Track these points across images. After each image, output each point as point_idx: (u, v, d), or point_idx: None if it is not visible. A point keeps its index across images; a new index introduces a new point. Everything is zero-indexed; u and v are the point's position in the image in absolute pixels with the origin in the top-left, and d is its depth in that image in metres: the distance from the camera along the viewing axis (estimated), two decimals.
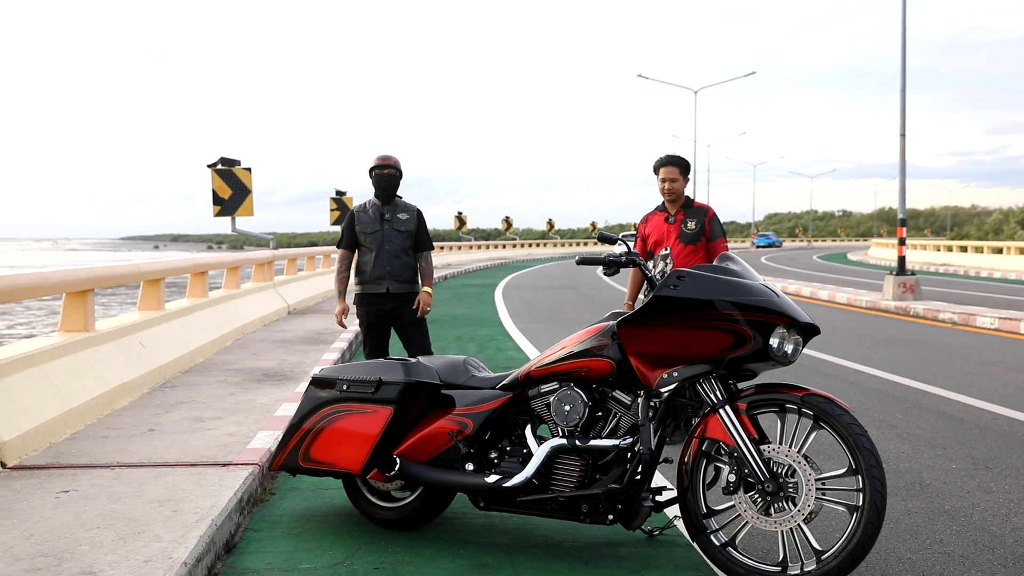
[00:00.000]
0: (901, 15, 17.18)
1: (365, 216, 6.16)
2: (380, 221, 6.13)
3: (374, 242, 6.09)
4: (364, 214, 6.17)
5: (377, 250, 6.09)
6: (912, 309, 15.51)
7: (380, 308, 6.12)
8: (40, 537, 3.87)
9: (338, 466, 4.30)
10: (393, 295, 6.11)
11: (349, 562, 3.98)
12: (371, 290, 6.11)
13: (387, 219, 6.14)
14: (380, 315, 6.14)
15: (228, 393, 7.27)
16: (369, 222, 6.13)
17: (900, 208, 17.82)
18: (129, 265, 8.17)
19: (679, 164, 5.92)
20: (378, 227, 6.11)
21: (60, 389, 5.92)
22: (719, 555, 3.72)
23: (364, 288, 6.14)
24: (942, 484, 5.12)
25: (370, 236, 6.11)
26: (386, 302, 6.12)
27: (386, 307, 6.13)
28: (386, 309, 6.13)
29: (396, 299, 6.13)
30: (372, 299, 6.12)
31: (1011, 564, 3.92)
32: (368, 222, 6.13)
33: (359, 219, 6.15)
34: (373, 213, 6.16)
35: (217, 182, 14.96)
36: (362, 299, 6.16)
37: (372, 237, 6.10)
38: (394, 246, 6.11)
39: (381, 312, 6.13)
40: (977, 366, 9.54)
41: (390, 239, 6.11)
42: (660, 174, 5.93)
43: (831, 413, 3.55)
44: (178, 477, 4.80)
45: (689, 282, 3.69)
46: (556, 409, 3.98)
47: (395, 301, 6.13)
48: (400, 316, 6.17)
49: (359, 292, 6.17)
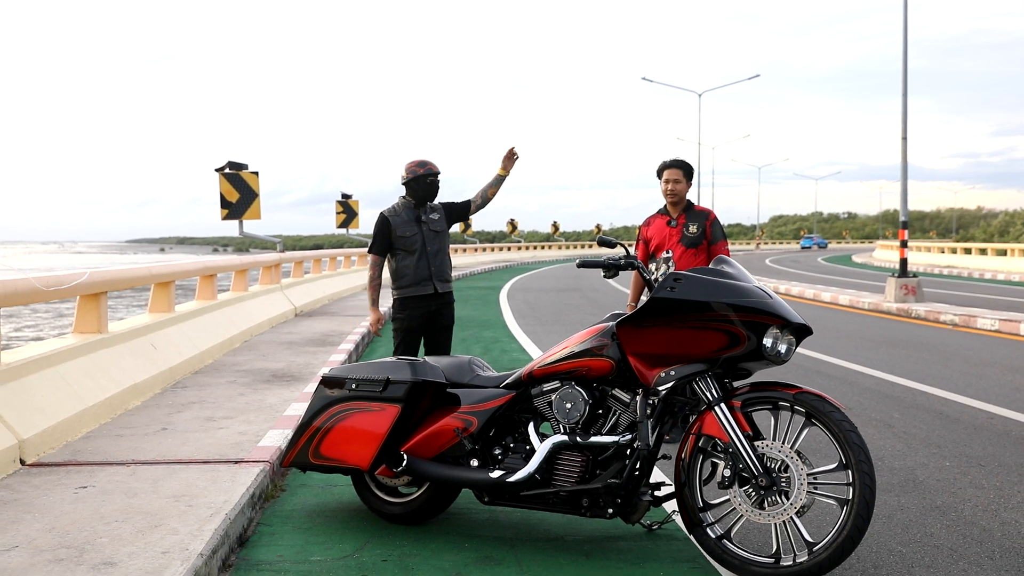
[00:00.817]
0: (903, 19, 17.30)
1: (399, 220, 5.93)
2: (417, 223, 5.94)
3: (414, 245, 5.90)
4: (397, 218, 5.93)
5: (418, 252, 5.91)
6: (914, 311, 15.63)
7: (426, 310, 5.94)
8: (61, 530, 4.02)
9: (347, 462, 4.44)
10: (440, 295, 5.97)
11: (358, 555, 4.13)
12: (417, 292, 5.91)
13: (423, 220, 5.96)
14: (424, 317, 5.95)
15: (238, 393, 7.42)
16: (405, 225, 5.91)
17: (902, 210, 17.94)
18: (141, 268, 8.33)
19: (683, 167, 6.07)
20: (416, 229, 5.92)
21: (75, 389, 6.08)
22: (715, 547, 3.86)
23: (410, 291, 5.91)
24: (935, 481, 5.25)
25: (409, 239, 5.89)
26: (432, 303, 5.95)
27: (431, 308, 5.96)
28: (431, 311, 5.96)
29: (441, 299, 5.99)
30: (418, 302, 5.92)
31: (998, 556, 4.06)
32: (404, 225, 5.91)
33: (394, 223, 5.91)
34: (407, 216, 5.94)
35: (225, 186, 15.13)
36: (406, 303, 5.93)
37: (411, 240, 5.90)
38: (434, 246, 5.97)
39: (426, 314, 5.95)
40: (975, 367, 9.67)
41: (430, 240, 5.95)
42: (664, 176, 6.07)
43: (822, 410, 3.70)
44: (192, 474, 4.95)
45: (685, 284, 3.83)
46: (558, 407, 4.12)
47: (440, 301, 5.99)
48: (443, 317, 6.04)
49: (403, 296, 5.93)
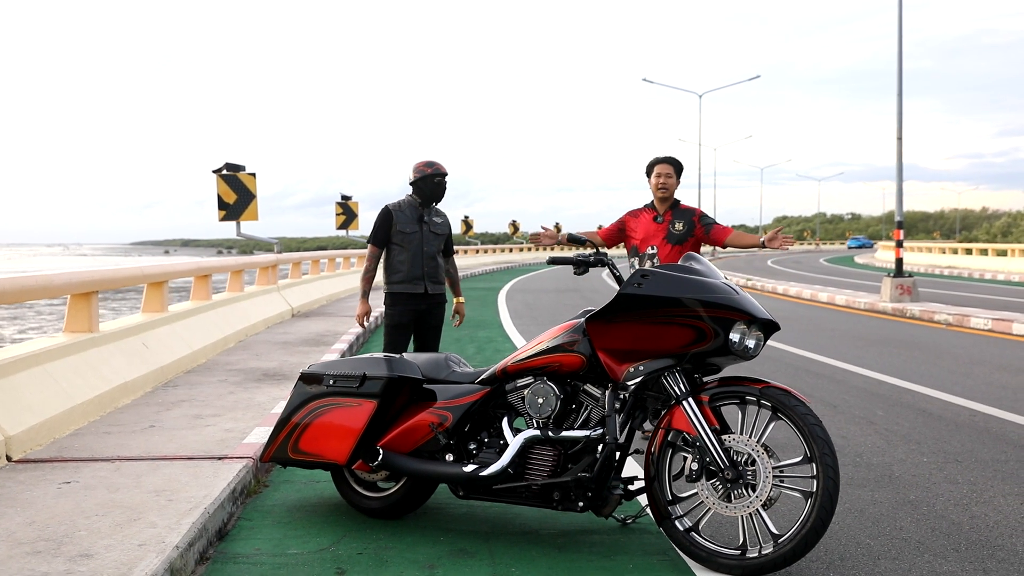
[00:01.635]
0: (897, 21, 17.33)
1: (402, 216, 6.08)
2: (419, 222, 6.10)
3: (412, 243, 6.06)
4: (401, 213, 6.09)
5: (414, 250, 6.07)
6: (908, 311, 15.67)
7: (415, 308, 6.11)
8: (41, 524, 4.09)
9: (325, 457, 4.51)
10: (430, 296, 6.14)
11: (334, 548, 4.20)
12: (408, 290, 6.08)
13: (425, 220, 6.12)
14: (412, 313, 6.13)
15: (228, 392, 7.49)
16: (407, 222, 6.07)
17: (897, 211, 17.99)
18: (132, 268, 8.41)
19: (673, 164, 6.14)
20: (417, 228, 6.08)
21: (64, 387, 6.15)
22: (683, 540, 3.92)
23: (401, 287, 6.09)
24: (910, 476, 5.31)
25: (408, 236, 6.05)
26: (421, 303, 6.12)
27: (420, 307, 6.13)
28: (420, 310, 6.13)
29: (431, 300, 6.16)
30: (408, 299, 6.10)
31: (963, 548, 4.11)
32: (406, 221, 6.07)
33: (397, 218, 6.07)
34: (411, 213, 6.10)
35: (222, 187, 15.21)
36: (396, 298, 6.11)
37: (410, 237, 6.06)
38: (431, 248, 6.13)
39: (415, 311, 6.12)
40: (964, 365, 9.71)
41: (428, 241, 6.11)
42: (655, 171, 6.13)
43: (788, 404, 3.76)
44: (175, 470, 5.02)
45: (652, 280, 3.90)
46: (530, 402, 4.19)
47: (429, 302, 6.15)
48: (431, 317, 6.20)
49: (394, 291, 6.12)
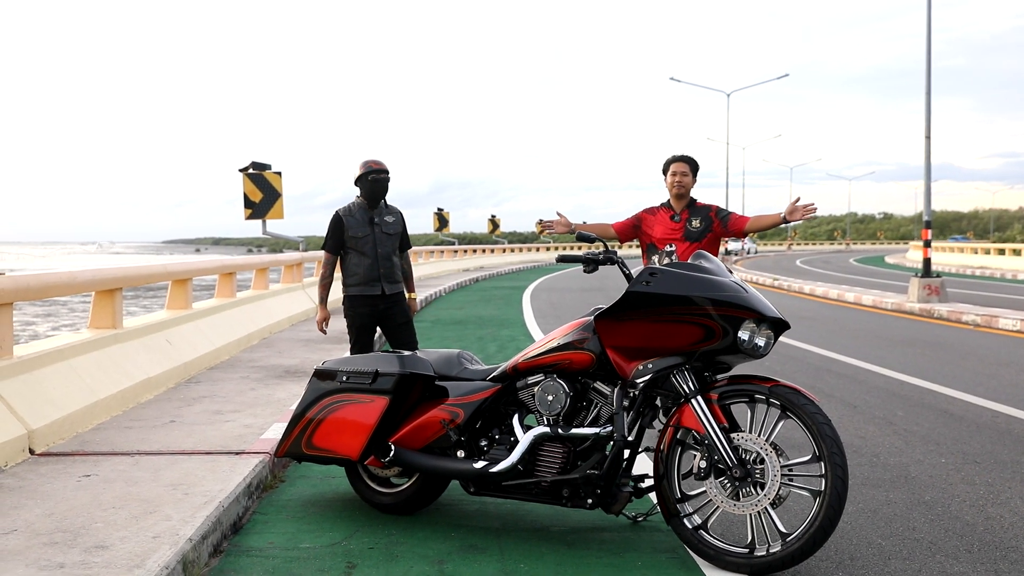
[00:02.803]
0: (926, 18, 17.16)
1: (353, 220, 6.14)
2: (369, 224, 6.15)
3: (365, 245, 6.13)
4: (351, 218, 6.15)
5: (369, 253, 6.13)
6: (936, 311, 15.51)
7: (373, 309, 6.20)
8: (60, 516, 4.17)
9: (338, 453, 4.56)
10: (387, 296, 6.21)
11: (346, 543, 4.24)
12: (366, 292, 6.16)
13: (376, 222, 6.17)
14: (372, 316, 6.22)
15: (249, 388, 7.57)
16: (358, 226, 6.13)
17: (925, 210, 17.81)
18: (156, 266, 8.52)
19: (689, 162, 6.14)
20: (368, 231, 6.14)
21: (88, 382, 6.25)
22: (691, 537, 3.93)
23: (358, 290, 6.18)
24: (927, 477, 5.27)
25: (361, 240, 6.12)
26: (379, 303, 6.19)
27: (379, 308, 6.20)
28: (379, 310, 6.21)
29: (389, 300, 6.23)
30: (366, 300, 6.18)
31: (976, 549, 4.08)
32: (357, 226, 6.13)
33: (347, 223, 6.13)
34: (360, 216, 6.16)
35: (248, 186, 15.34)
36: (355, 300, 6.20)
37: (363, 241, 6.12)
38: (386, 248, 6.19)
39: (374, 313, 6.21)
40: (990, 367, 9.61)
41: (381, 242, 6.17)
42: (671, 169, 6.14)
43: (796, 403, 3.75)
44: (193, 464, 5.09)
45: (660, 278, 3.90)
46: (540, 399, 4.21)
47: (388, 302, 6.22)
48: (392, 316, 6.26)
49: (352, 295, 6.20)
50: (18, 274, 5.94)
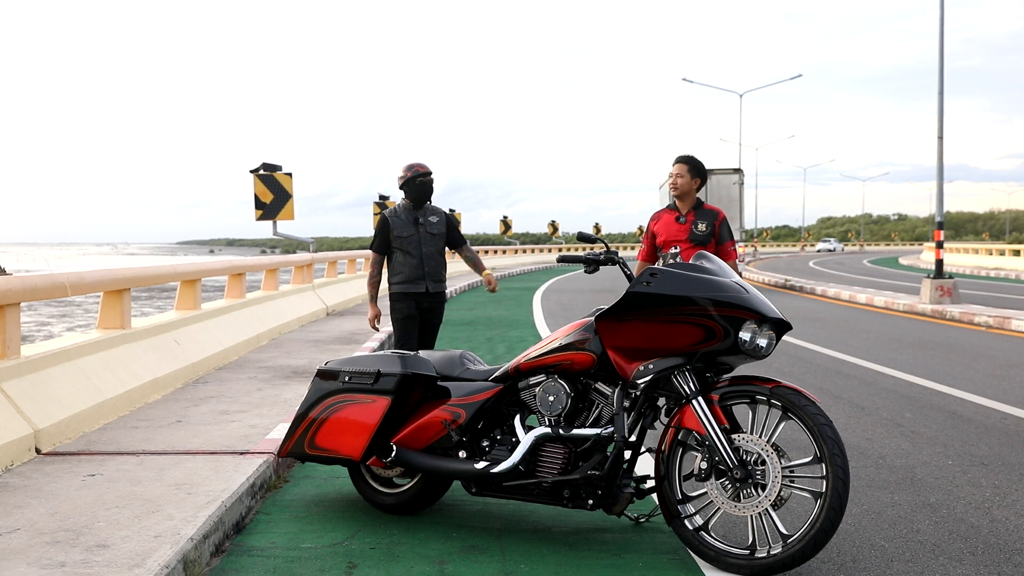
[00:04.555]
0: (939, 19, 17.07)
1: (399, 221, 6.43)
2: (415, 225, 6.42)
3: (411, 245, 6.38)
4: (397, 219, 6.44)
5: (414, 252, 6.38)
6: (948, 312, 15.42)
7: (418, 305, 6.45)
8: (63, 515, 4.19)
9: (340, 453, 4.57)
10: (432, 294, 6.47)
11: (348, 543, 4.25)
12: (411, 289, 6.41)
13: (421, 223, 6.44)
14: (417, 310, 6.45)
15: (256, 389, 7.59)
16: (403, 226, 6.41)
17: (938, 211, 17.71)
18: (165, 266, 8.55)
19: (688, 163, 6.12)
20: (413, 231, 6.41)
21: (95, 382, 6.28)
22: (692, 539, 3.92)
23: (404, 287, 6.42)
24: (933, 479, 5.24)
25: (406, 239, 6.39)
26: (423, 300, 6.45)
27: (423, 305, 6.46)
28: (423, 307, 6.47)
29: (433, 298, 6.49)
30: (412, 297, 6.43)
31: (980, 552, 4.05)
32: (402, 226, 6.41)
33: (393, 224, 6.42)
34: (406, 217, 6.44)
35: (259, 187, 15.40)
36: (401, 297, 6.44)
37: (408, 240, 6.39)
38: (430, 248, 6.44)
39: (419, 308, 6.45)
40: (1000, 368, 9.54)
41: (426, 241, 6.43)
42: (672, 169, 6.15)
43: (798, 404, 3.73)
44: (197, 464, 5.11)
45: (661, 279, 3.89)
46: (541, 400, 4.21)
47: (432, 300, 6.49)
48: (433, 314, 6.54)
49: (399, 291, 6.44)
50: (25, 274, 5.97)
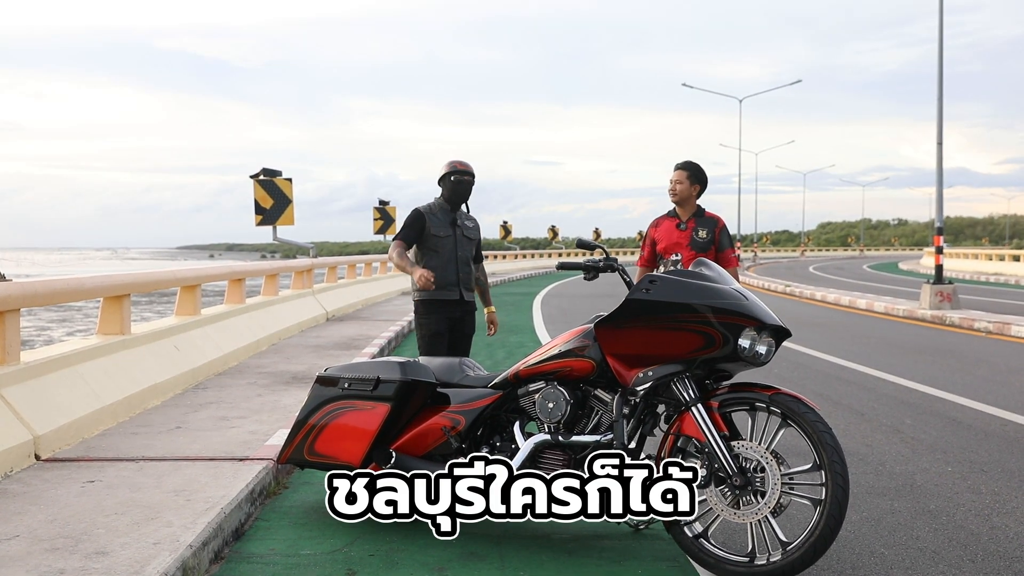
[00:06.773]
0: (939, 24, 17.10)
1: (435, 219, 5.78)
2: (452, 226, 5.82)
3: (446, 246, 5.77)
4: (434, 217, 5.79)
5: (448, 255, 5.77)
6: (948, 318, 15.43)
7: (450, 315, 5.78)
8: (62, 521, 4.19)
9: (339, 459, 4.56)
10: (465, 303, 5.84)
11: (347, 549, 4.24)
12: (442, 296, 5.74)
13: (458, 224, 5.86)
14: (447, 322, 5.79)
15: (256, 394, 7.59)
16: (440, 225, 5.78)
17: (937, 217, 17.73)
18: (164, 272, 8.56)
19: (687, 169, 6.12)
20: (450, 232, 5.80)
21: (94, 388, 6.28)
22: (692, 546, 3.91)
23: (434, 295, 5.73)
24: (933, 486, 5.24)
25: (442, 240, 5.76)
26: (455, 310, 5.80)
27: (455, 315, 5.81)
28: (455, 317, 5.81)
29: (465, 307, 5.85)
30: (442, 306, 5.76)
31: (979, 559, 4.05)
32: (439, 225, 5.78)
33: (430, 221, 5.76)
34: (443, 217, 5.82)
35: (259, 192, 15.40)
36: (430, 306, 5.76)
37: (444, 241, 5.76)
38: (465, 252, 5.86)
39: (449, 319, 5.79)
40: (1000, 374, 9.54)
41: (462, 245, 5.84)
42: (671, 176, 6.16)
43: (797, 411, 3.74)
44: (196, 470, 5.11)
45: (660, 286, 3.90)
46: (541, 406, 4.21)
47: (463, 310, 5.84)
48: (465, 325, 5.89)
49: (427, 299, 5.76)
50: (25, 280, 5.98)
